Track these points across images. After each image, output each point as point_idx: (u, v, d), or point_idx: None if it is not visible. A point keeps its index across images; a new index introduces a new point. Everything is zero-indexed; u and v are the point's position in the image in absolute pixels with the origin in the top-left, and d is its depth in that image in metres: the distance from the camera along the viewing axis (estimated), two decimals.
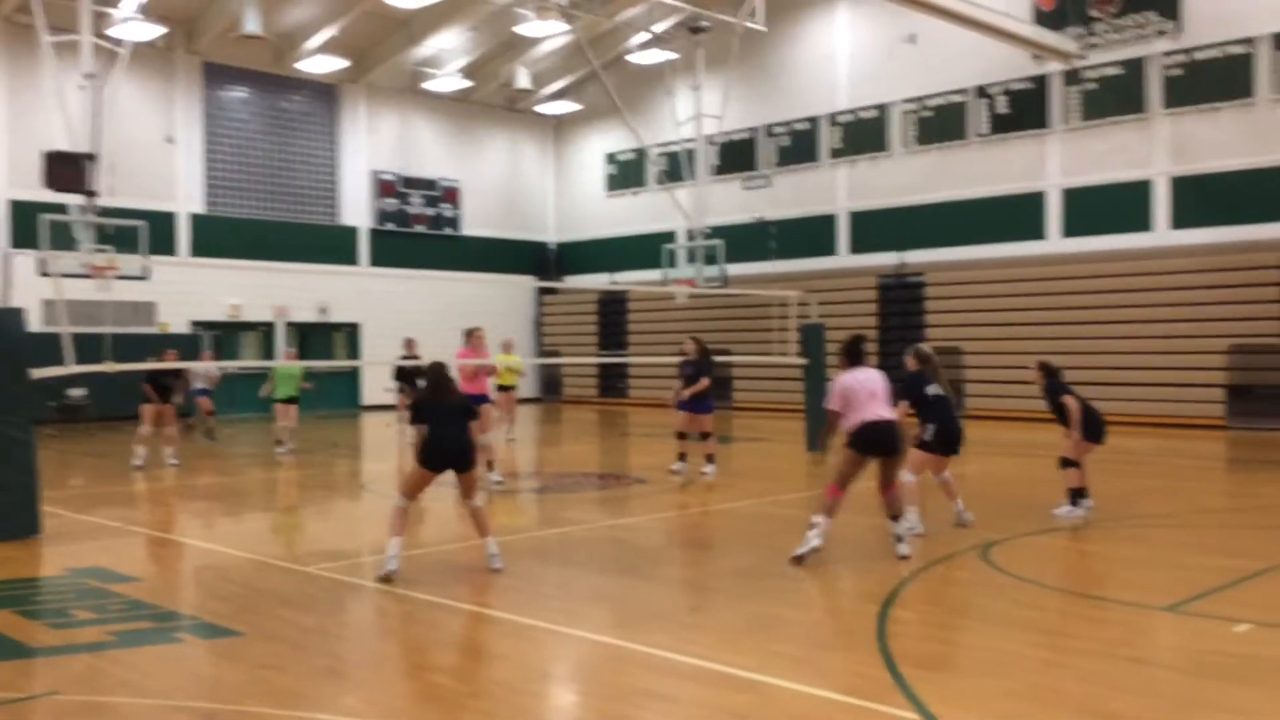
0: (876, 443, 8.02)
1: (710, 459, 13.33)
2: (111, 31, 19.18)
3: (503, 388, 17.85)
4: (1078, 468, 9.90)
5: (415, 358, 17.71)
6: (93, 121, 17.53)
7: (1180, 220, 21.68)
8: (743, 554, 8.54)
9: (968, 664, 5.60)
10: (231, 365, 24.38)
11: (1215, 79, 21.09)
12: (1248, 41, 20.71)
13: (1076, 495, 9.90)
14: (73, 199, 18.23)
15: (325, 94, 28.78)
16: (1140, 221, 22.14)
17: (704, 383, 13.40)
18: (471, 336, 13.26)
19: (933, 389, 9.26)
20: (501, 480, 12.97)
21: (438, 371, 8.09)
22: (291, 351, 20.66)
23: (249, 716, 4.81)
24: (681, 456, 13.31)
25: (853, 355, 8.42)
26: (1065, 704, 4.90)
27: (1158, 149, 21.95)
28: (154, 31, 23.50)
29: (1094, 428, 9.91)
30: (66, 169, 17.04)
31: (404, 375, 17.85)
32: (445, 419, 7.73)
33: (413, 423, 7.93)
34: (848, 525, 9.80)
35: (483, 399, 12.91)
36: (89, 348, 20.70)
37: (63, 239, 17.52)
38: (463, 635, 6.24)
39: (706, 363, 13.60)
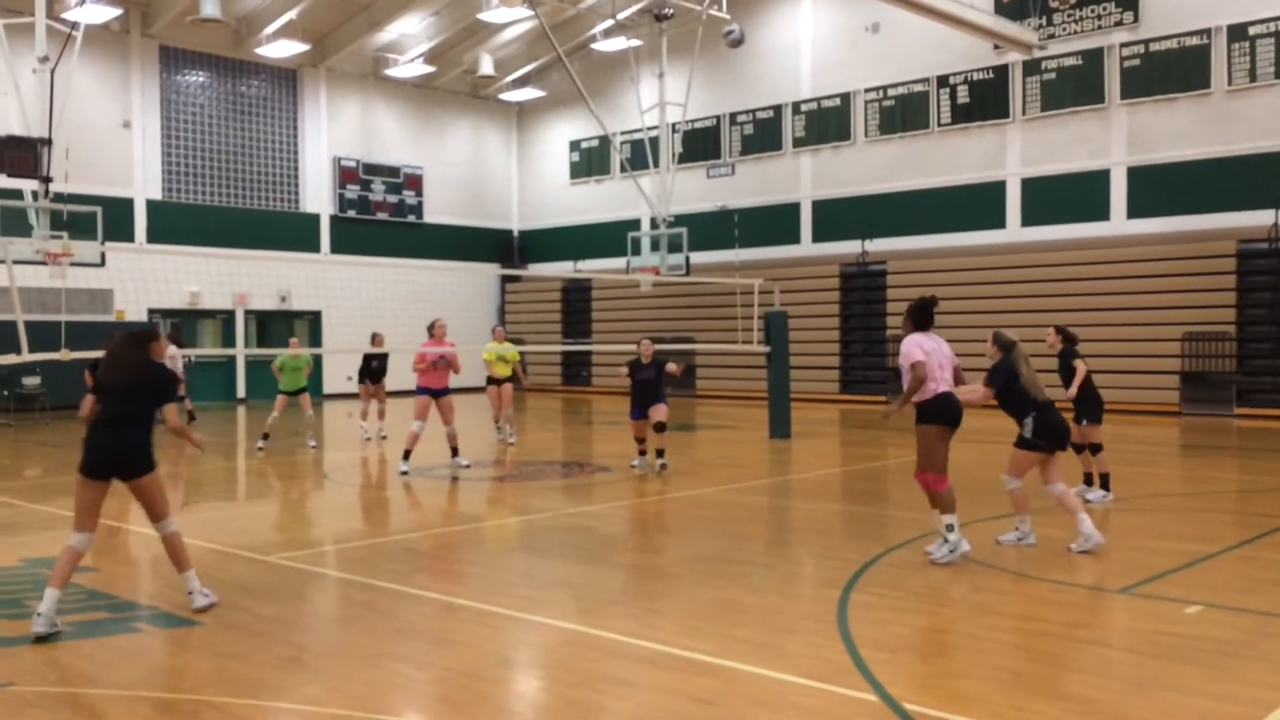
0: (955, 413, 7.50)
1: (661, 453, 12.76)
2: (66, 14, 18.86)
3: (493, 380, 16.38)
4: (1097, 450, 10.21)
5: (383, 353, 17.41)
6: (47, 106, 17.26)
7: (1136, 210, 21.98)
8: (705, 540, 8.59)
9: (927, 647, 5.67)
10: (191, 353, 24.09)
11: (1172, 70, 21.37)
12: (1204, 33, 20.99)
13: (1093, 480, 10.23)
14: (27, 184, 17.97)
15: (285, 79, 28.46)
16: (1098, 211, 22.42)
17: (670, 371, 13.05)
18: (434, 329, 13.30)
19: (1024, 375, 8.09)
20: (468, 465, 13.20)
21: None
22: (295, 340, 20.30)
23: (210, 706, 4.79)
24: (641, 451, 13.31)
25: (921, 318, 7.75)
26: (1022, 685, 4.98)
27: (1115, 139, 22.22)
28: (109, 14, 23.14)
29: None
30: (20, 154, 16.77)
31: (366, 368, 17.61)
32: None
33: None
34: (810, 512, 9.89)
35: (444, 391, 13.07)
36: (44, 336, 20.47)
37: (16, 225, 17.26)
38: (425, 623, 6.24)
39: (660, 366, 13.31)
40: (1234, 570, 7.56)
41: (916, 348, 7.45)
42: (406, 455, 12.93)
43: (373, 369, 17.49)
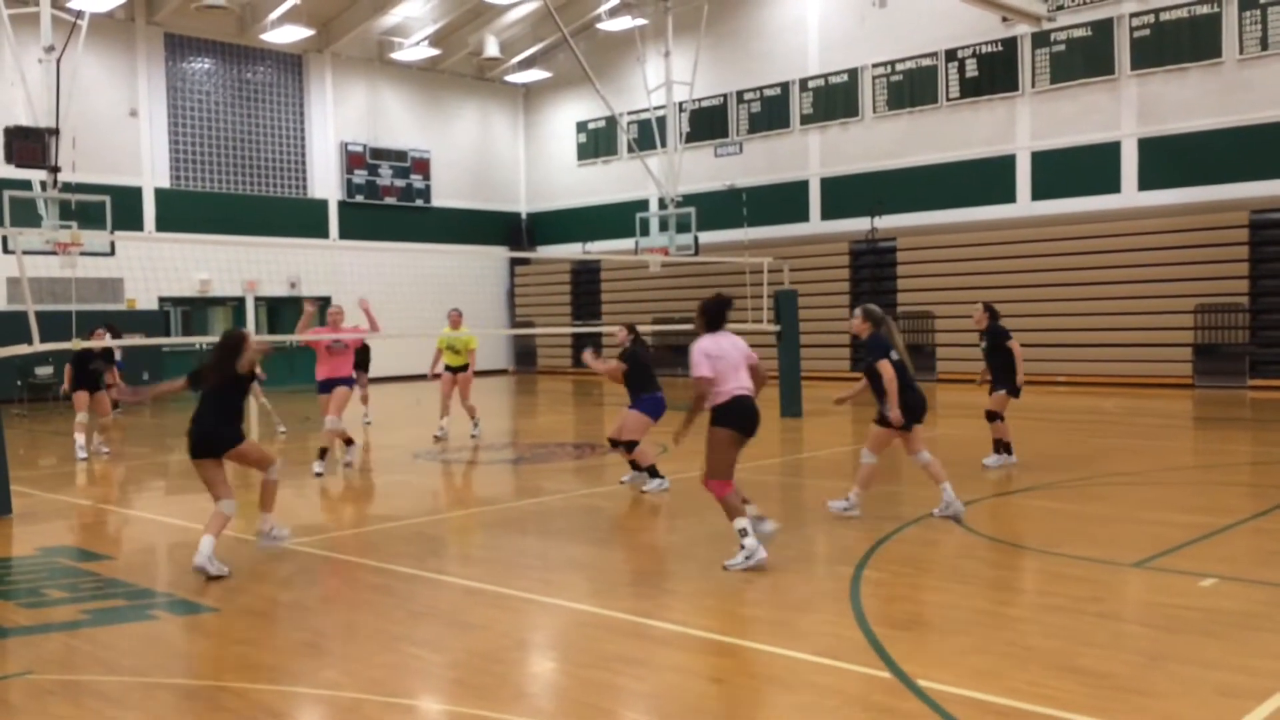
0: (749, 418, 6.99)
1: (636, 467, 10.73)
2: (71, 3, 18.83)
3: (449, 368, 15.27)
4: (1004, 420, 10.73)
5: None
6: (54, 95, 17.27)
7: (1148, 181, 21.83)
8: (717, 520, 8.57)
9: (940, 623, 5.67)
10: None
11: (1183, 39, 21.17)
12: (1215, 1, 20.78)
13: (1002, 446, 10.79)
14: (35, 175, 18.00)
15: (291, 65, 28.42)
16: (1109, 183, 22.27)
17: (619, 368, 10.66)
18: (329, 316, 12.59)
19: (894, 355, 8.34)
20: (350, 462, 12.30)
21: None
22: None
23: (228, 692, 4.82)
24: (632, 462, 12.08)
25: (713, 318, 7.12)
26: (1036, 660, 4.97)
27: (1126, 110, 22.05)
28: (113, 2, 23.09)
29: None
30: (28, 144, 16.80)
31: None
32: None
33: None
34: (821, 490, 9.88)
35: (346, 381, 12.13)
36: (56, 325, 20.52)
37: (26, 215, 17.29)
38: (440, 606, 6.26)
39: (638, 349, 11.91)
40: (1249, 543, 7.54)
41: (703, 357, 6.91)
42: (323, 454, 11.90)
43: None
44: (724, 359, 6.94)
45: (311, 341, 12.10)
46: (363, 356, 17.26)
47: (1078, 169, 22.63)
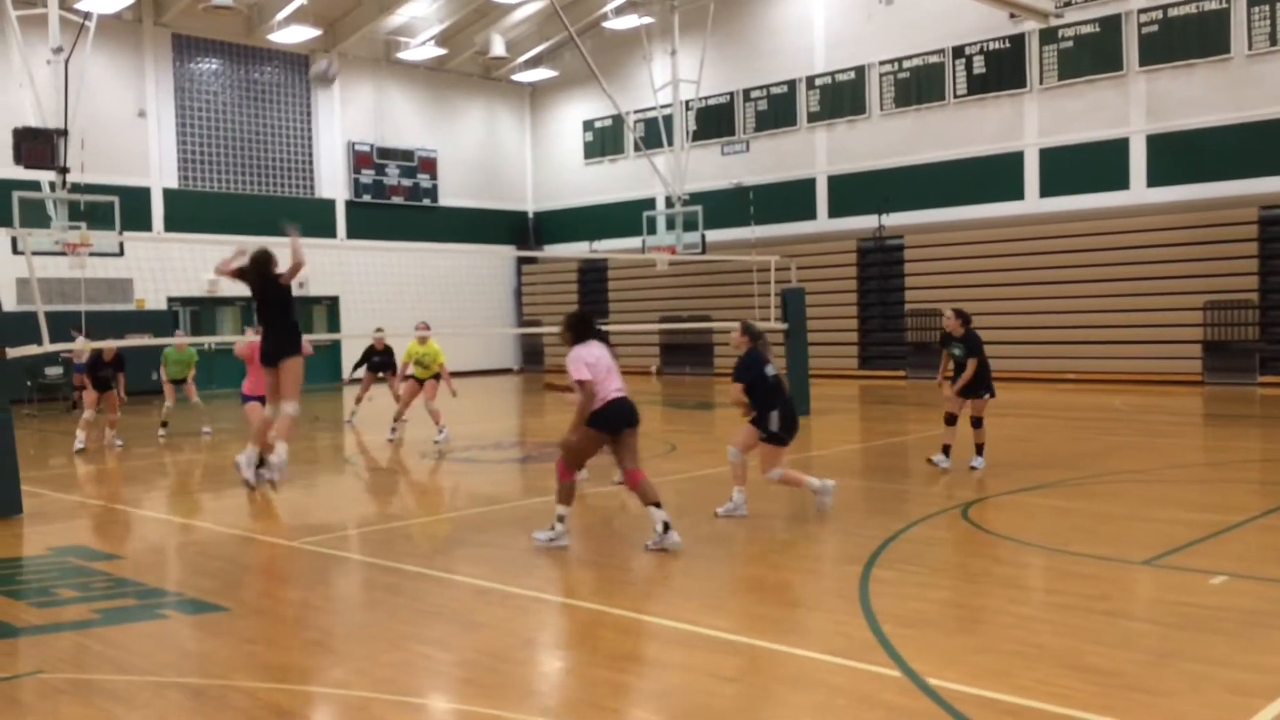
0: (624, 418, 7.49)
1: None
2: (78, 4, 18.88)
3: (417, 379, 15.23)
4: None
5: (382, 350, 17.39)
6: (62, 97, 17.31)
7: (1156, 178, 21.76)
8: (725, 519, 8.59)
9: (949, 621, 5.66)
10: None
11: (1191, 35, 21.10)
12: None
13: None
14: (44, 175, 18.05)
15: (298, 65, 28.47)
16: (1117, 180, 22.21)
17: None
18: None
19: (771, 369, 8.36)
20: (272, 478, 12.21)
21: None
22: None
23: (237, 691, 4.83)
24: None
25: (580, 330, 7.67)
26: (1045, 658, 4.96)
27: (1134, 107, 21.99)
28: (121, 3, 23.16)
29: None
30: (37, 145, 16.85)
31: (371, 362, 17.51)
32: None
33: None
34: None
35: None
36: (65, 326, 20.59)
37: (35, 216, 17.34)
38: (449, 605, 6.27)
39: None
40: (1259, 540, 7.52)
41: (581, 364, 7.38)
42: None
43: (374, 362, 17.53)
44: (598, 365, 7.44)
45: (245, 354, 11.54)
46: (387, 358, 17.28)
47: (1086, 166, 22.57)
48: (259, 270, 8.68)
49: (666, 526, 7.31)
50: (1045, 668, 4.82)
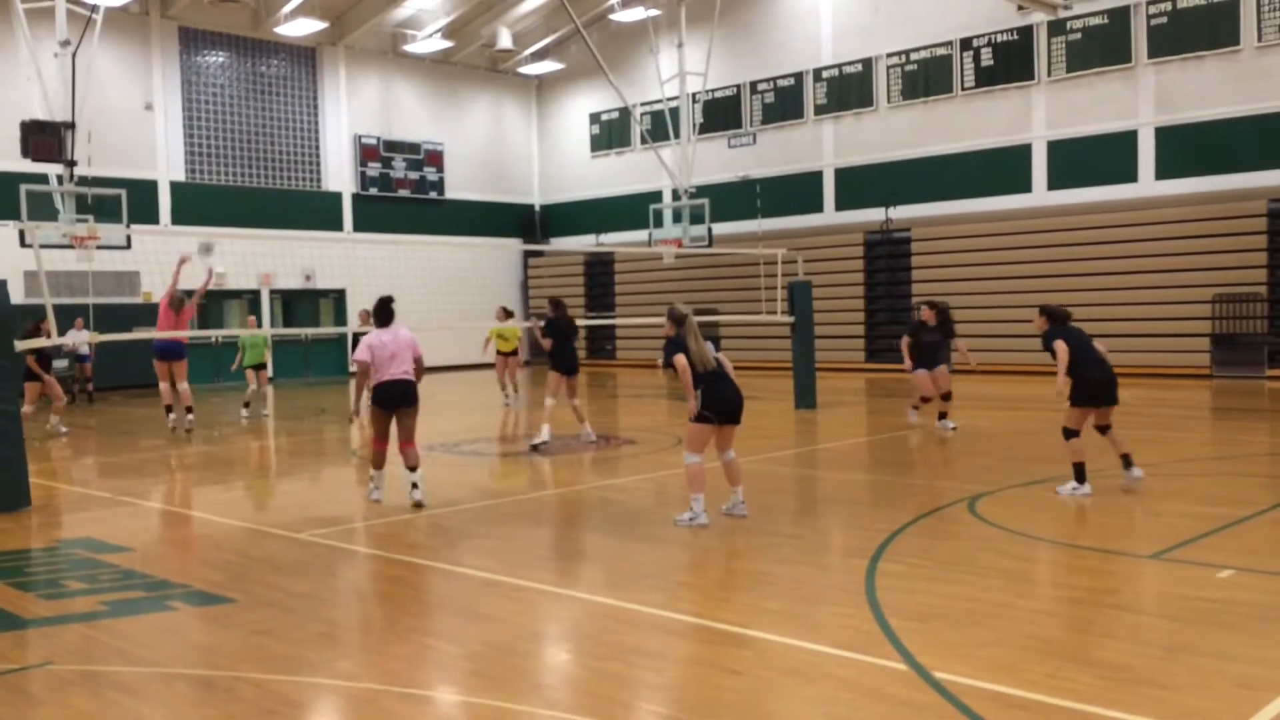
0: (391, 397, 8.87)
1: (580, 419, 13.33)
2: None
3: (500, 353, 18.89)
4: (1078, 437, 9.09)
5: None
6: (69, 90, 17.33)
7: (1165, 170, 21.68)
8: (725, 516, 8.58)
9: (956, 615, 5.66)
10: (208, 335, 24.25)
11: (1200, 27, 21.00)
12: None
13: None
14: (51, 169, 18.08)
15: (304, 57, 28.46)
16: (1126, 172, 22.14)
17: (545, 343, 13.03)
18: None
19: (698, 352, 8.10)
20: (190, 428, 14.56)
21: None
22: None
23: (245, 682, 4.84)
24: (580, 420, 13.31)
25: (381, 316, 9.14)
26: (1053, 652, 4.96)
27: (1143, 99, 21.90)
28: None
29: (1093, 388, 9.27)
30: (44, 138, 16.87)
31: None
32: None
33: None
34: (837, 482, 9.87)
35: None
36: (73, 319, 20.65)
37: (43, 209, 17.36)
38: (456, 598, 6.28)
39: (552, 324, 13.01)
40: (1267, 534, 7.50)
41: (366, 347, 8.88)
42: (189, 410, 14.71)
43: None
44: (383, 349, 8.82)
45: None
46: None
47: (1094, 158, 22.49)
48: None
49: (414, 486, 8.98)
50: (1053, 661, 4.82)
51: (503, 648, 5.29)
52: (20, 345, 10.11)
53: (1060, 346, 8.95)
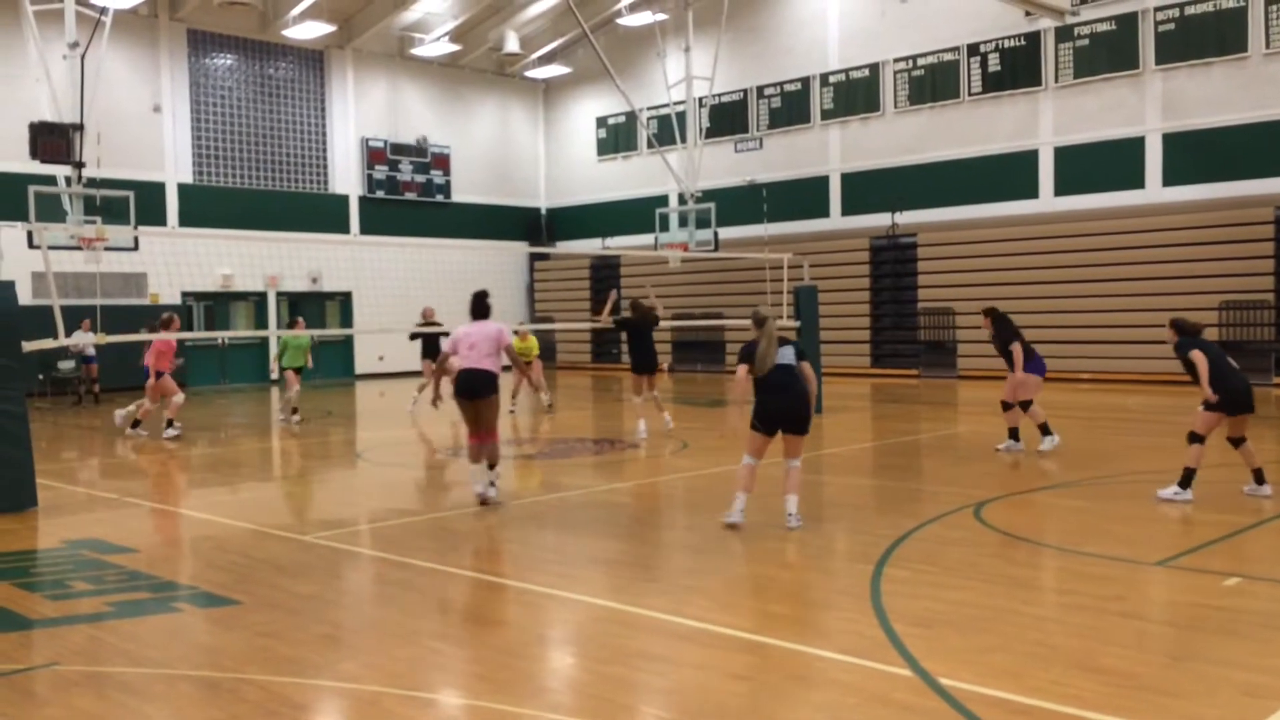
0: (466, 387, 8.96)
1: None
2: (95, 0, 18.96)
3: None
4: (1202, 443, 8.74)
5: (435, 324, 17.38)
6: (78, 91, 17.40)
7: (1172, 177, 21.64)
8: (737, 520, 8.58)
9: (962, 621, 5.64)
10: (225, 335, 24.30)
11: (1208, 34, 20.98)
12: None
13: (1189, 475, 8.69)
14: (60, 170, 18.15)
15: (312, 60, 28.54)
16: (1133, 179, 22.10)
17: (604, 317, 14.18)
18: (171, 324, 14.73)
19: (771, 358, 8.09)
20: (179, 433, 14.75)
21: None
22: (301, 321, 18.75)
23: (250, 684, 4.85)
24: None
25: (475, 310, 9.32)
26: (1058, 659, 4.94)
27: (1150, 105, 21.87)
28: None
29: None
30: (53, 140, 16.95)
31: (429, 347, 17.42)
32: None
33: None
34: (840, 487, 9.86)
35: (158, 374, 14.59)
36: (79, 320, 20.71)
37: (51, 210, 17.44)
38: (461, 601, 6.28)
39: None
40: (1273, 542, 7.48)
41: (450, 339, 9.20)
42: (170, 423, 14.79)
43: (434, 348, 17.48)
44: (464, 339, 9.01)
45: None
46: (432, 345, 17.15)
47: (1101, 164, 22.46)
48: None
49: (490, 484, 9.09)
50: (1058, 668, 4.81)
51: (507, 651, 5.29)
52: (28, 346, 10.14)
53: (1199, 356, 8.67)
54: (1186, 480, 8.62)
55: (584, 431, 15.74)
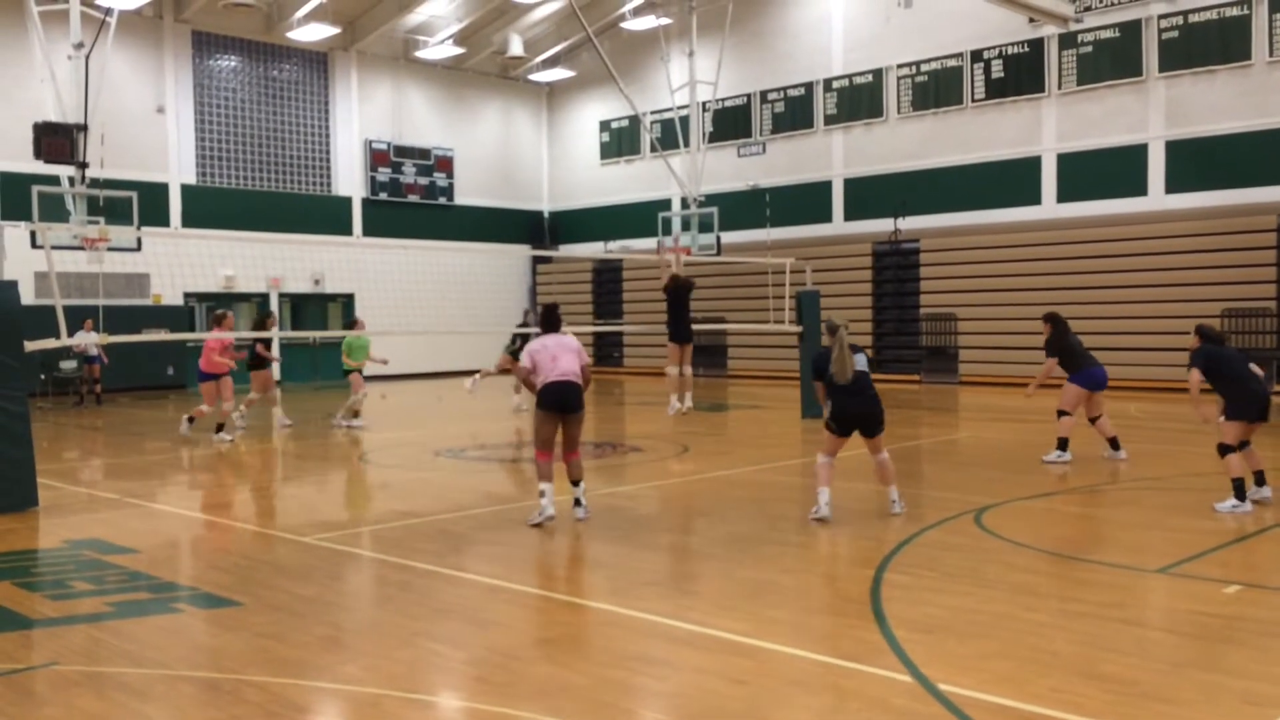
0: (558, 399, 8.46)
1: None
2: (99, 0, 19.00)
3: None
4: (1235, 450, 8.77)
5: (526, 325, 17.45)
6: (82, 92, 17.43)
7: (1175, 184, 21.64)
8: (738, 521, 8.59)
9: (961, 627, 5.64)
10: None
11: (1212, 41, 20.98)
12: (1244, 3, 20.59)
13: (1241, 487, 8.62)
14: (63, 170, 18.17)
15: (316, 62, 28.57)
16: (1136, 186, 22.10)
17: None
18: (224, 321, 14.79)
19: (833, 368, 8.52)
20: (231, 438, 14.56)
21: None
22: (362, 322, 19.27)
23: (250, 685, 4.85)
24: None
25: (546, 322, 8.93)
26: (1058, 666, 4.94)
27: (1153, 113, 21.88)
28: None
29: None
30: (56, 140, 16.97)
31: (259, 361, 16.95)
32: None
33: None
34: (843, 492, 9.85)
35: (212, 376, 14.48)
36: (82, 320, 20.72)
37: (54, 210, 17.46)
38: (461, 603, 6.28)
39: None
40: (1274, 550, 7.47)
41: (528, 353, 8.60)
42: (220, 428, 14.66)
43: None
44: (544, 352, 8.51)
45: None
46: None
47: (1104, 171, 22.46)
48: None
49: (576, 502, 8.60)
50: (1059, 675, 4.80)
51: (507, 653, 5.29)
52: (30, 346, 10.15)
53: (1193, 376, 9.00)
54: (1240, 491, 8.56)
55: (585, 434, 15.72)
